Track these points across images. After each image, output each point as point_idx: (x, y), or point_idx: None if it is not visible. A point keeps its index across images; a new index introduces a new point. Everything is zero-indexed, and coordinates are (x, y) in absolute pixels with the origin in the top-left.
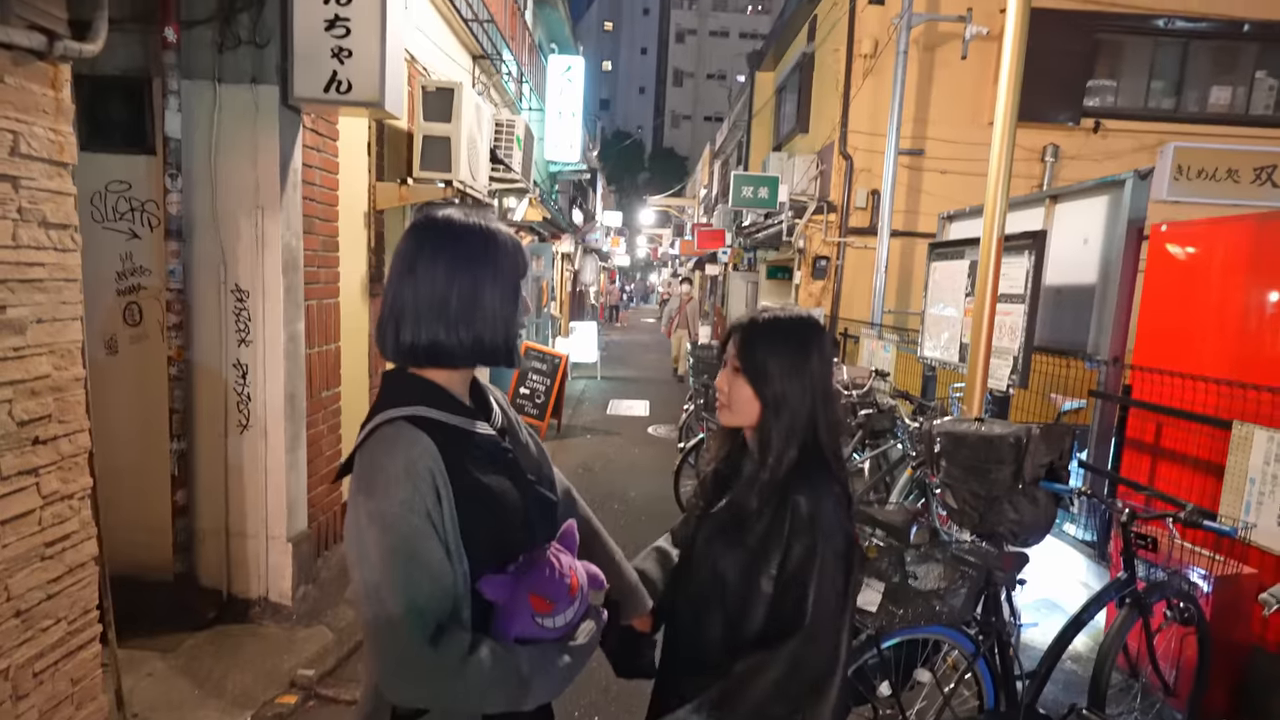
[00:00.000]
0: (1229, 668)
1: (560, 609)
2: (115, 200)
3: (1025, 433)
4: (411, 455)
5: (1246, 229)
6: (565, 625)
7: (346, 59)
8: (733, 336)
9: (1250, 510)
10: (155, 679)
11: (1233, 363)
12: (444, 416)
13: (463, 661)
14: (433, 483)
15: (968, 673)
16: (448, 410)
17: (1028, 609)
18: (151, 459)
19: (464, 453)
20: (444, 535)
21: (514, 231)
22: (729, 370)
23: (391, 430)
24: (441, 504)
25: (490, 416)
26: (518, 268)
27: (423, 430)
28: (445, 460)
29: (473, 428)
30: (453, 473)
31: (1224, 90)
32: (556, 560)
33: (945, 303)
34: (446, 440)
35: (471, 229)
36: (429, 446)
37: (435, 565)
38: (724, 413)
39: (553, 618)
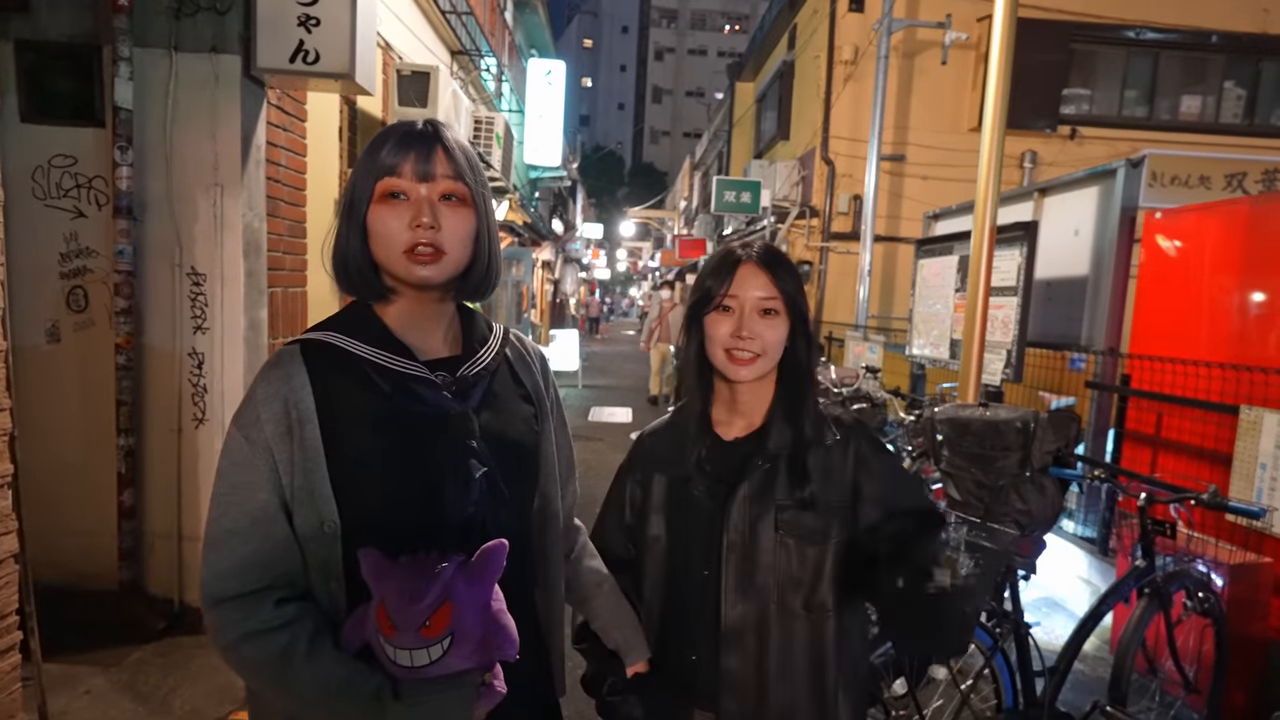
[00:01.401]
0: (1247, 664)
1: (403, 641)
2: (59, 176)
3: (1033, 417)
4: (268, 378)
5: (1240, 212)
6: (410, 666)
7: (314, 27)
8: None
9: (1261, 496)
10: (94, 696)
11: (1234, 347)
12: (352, 344)
13: (250, 638)
14: (284, 413)
15: (985, 669)
16: (367, 341)
17: (1029, 607)
18: (96, 456)
19: (364, 387)
20: (282, 475)
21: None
22: (751, 314)
23: (274, 354)
24: (292, 439)
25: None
26: (373, 164)
27: (319, 357)
28: (331, 393)
29: (397, 365)
30: (335, 407)
31: (1194, 99)
32: (430, 583)
33: (934, 300)
34: (346, 372)
35: None
36: (296, 373)
37: (254, 504)
38: (753, 366)
39: (394, 646)
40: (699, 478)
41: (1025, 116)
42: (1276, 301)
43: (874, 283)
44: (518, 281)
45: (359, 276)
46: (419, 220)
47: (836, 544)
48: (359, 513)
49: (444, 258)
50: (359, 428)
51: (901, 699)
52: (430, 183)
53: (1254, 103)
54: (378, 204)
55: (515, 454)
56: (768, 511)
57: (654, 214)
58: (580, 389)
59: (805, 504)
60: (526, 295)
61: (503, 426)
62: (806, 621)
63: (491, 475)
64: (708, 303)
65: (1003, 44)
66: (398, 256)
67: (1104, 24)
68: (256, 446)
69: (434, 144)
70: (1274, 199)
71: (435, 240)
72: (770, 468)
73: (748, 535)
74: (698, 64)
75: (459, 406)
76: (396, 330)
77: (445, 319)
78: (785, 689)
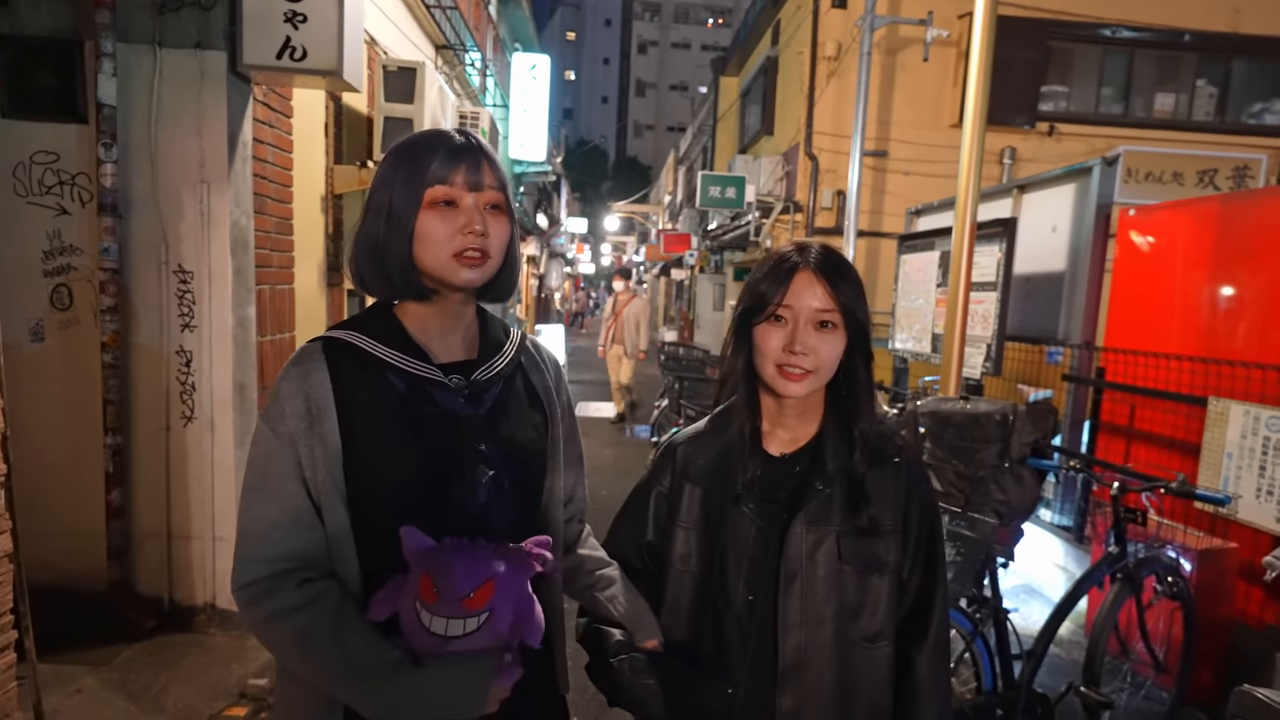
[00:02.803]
0: (1213, 646)
1: (443, 609)
2: (41, 173)
3: (1012, 410)
4: (292, 374)
5: (1209, 211)
6: (443, 635)
7: (301, 24)
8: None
9: (1228, 485)
10: (85, 695)
11: (1204, 341)
12: (370, 345)
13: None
14: (305, 408)
15: (965, 653)
16: (386, 343)
17: (1008, 594)
18: (83, 456)
19: (380, 388)
20: (305, 468)
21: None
22: (806, 327)
23: (301, 349)
24: (313, 433)
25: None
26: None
27: (339, 355)
28: (349, 390)
29: (413, 368)
30: (351, 404)
31: (1168, 97)
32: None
33: (916, 294)
34: (364, 371)
35: (405, 137)
36: (311, 368)
37: (284, 494)
38: (804, 382)
39: (432, 613)
40: (748, 496)
41: (1004, 113)
42: (1244, 296)
43: None
44: None
45: (401, 278)
46: (471, 227)
47: (892, 570)
48: (369, 508)
49: (488, 262)
50: (372, 426)
51: None
52: (479, 192)
53: (1225, 100)
54: (428, 210)
55: (524, 458)
56: (828, 538)
57: (638, 208)
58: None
59: (866, 530)
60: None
61: (513, 431)
62: (865, 653)
63: (499, 478)
64: (759, 311)
65: (983, 44)
66: (446, 260)
67: (1081, 22)
68: (283, 439)
69: (480, 156)
70: (1242, 197)
71: (483, 245)
72: (830, 491)
73: (806, 563)
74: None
75: (470, 410)
76: (415, 333)
77: (465, 322)
78: None
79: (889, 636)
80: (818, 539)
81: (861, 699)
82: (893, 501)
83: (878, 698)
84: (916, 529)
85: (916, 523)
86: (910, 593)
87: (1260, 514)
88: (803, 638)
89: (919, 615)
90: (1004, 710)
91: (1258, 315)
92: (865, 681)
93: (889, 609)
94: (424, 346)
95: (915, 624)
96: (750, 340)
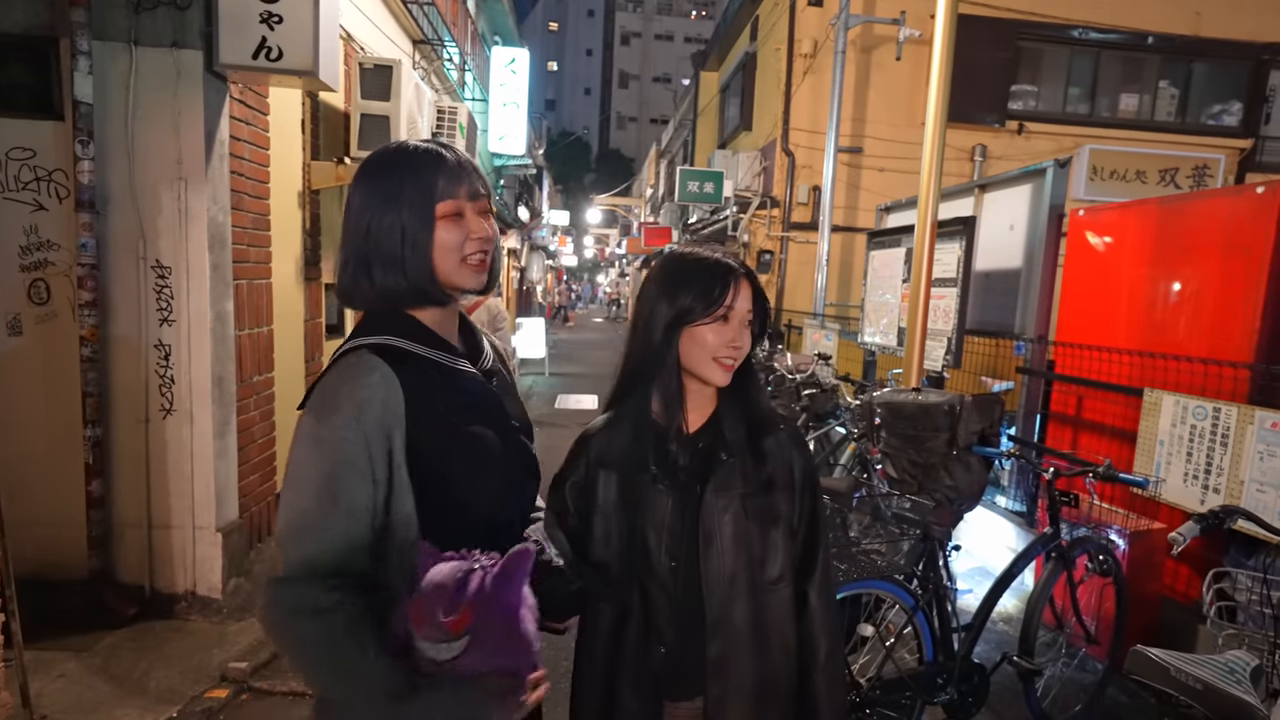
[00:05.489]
0: (1143, 618)
1: (429, 633)
2: (18, 169)
3: (958, 401)
4: (362, 381)
5: (1150, 212)
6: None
7: (277, 24)
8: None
9: (1160, 469)
10: (68, 679)
11: (1146, 335)
12: (414, 347)
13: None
14: (380, 414)
15: (907, 627)
16: (423, 343)
17: (962, 576)
18: (62, 448)
19: (437, 388)
20: (379, 472)
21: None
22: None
23: (353, 357)
24: (386, 438)
25: (480, 357)
26: (428, 188)
27: (396, 360)
28: (411, 394)
29: (452, 364)
30: (418, 408)
31: (1132, 97)
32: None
33: (884, 290)
34: (416, 373)
35: (387, 153)
36: (386, 375)
37: (353, 500)
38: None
39: (421, 638)
40: (665, 474)
41: (975, 111)
42: (1180, 293)
43: (832, 272)
44: None
45: (428, 286)
46: (481, 233)
47: (785, 519)
48: (442, 497)
49: (490, 262)
50: (438, 422)
51: None
52: (476, 201)
53: (1186, 101)
54: (444, 222)
55: (529, 432)
56: (734, 500)
57: (621, 201)
58: (547, 376)
59: (764, 488)
60: None
61: (517, 409)
62: (772, 594)
63: (527, 451)
64: (698, 316)
65: (944, 48)
66: (458, 266)
67: (1050, 23)
68: (352, 444)
69: (472, 168)
70: (1179, 200)
71: (489, 248)
72: (733, 460)
73: (718, 525)
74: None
75: (496, 394)
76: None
77: (456, 318)
78: (761, 662)
79: (789, 578)
80: (726, 503)
81: (773, 636)
82: (783, 463)
83: (785, 632)
84: (801, 485)
85: (800, 480)
86: (800, 539)
87: (1186, 496)
88: (724, 591)
89: (808, 556)
90: (944, 679)
91: (1190, 311)
92: (775, 620)
93: (787, 554)
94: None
95: (807, 564)
96: (678, 337)
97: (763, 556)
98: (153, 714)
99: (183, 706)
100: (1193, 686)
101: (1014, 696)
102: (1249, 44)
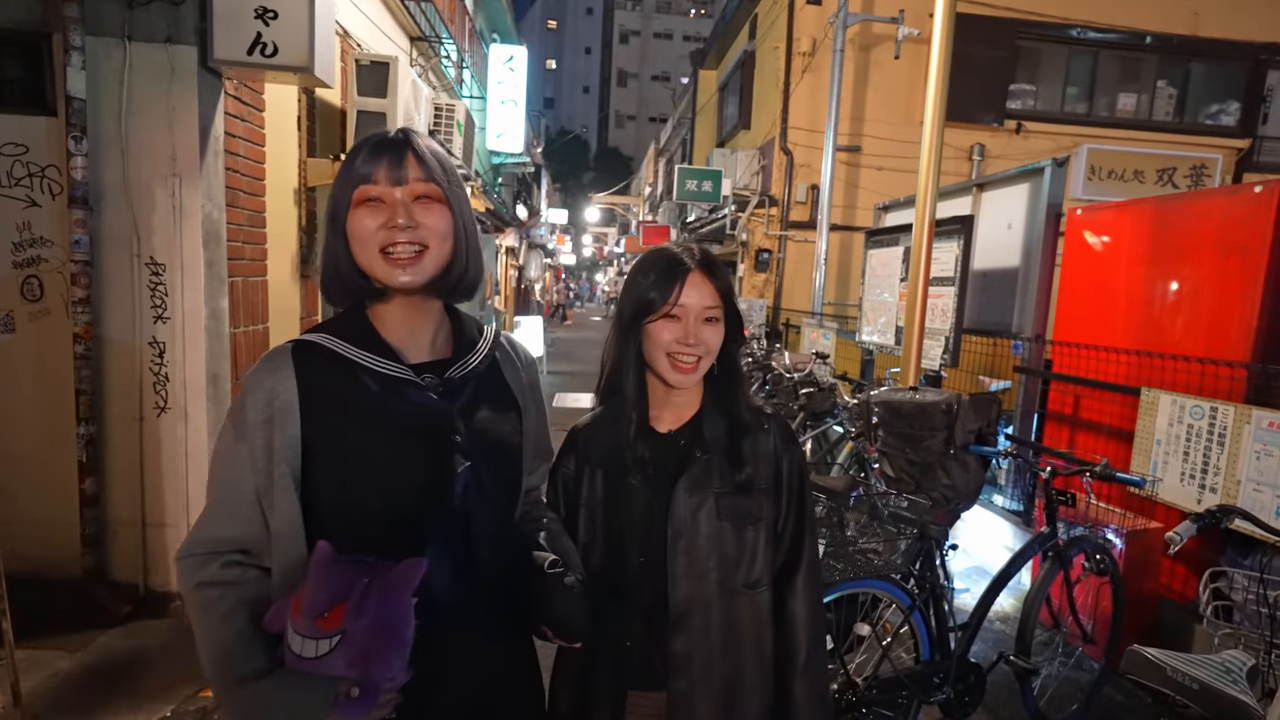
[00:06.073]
0: (1139, 617)
1: (301, 626)
2: (10, 165)
3: (956, 400)
4: (256, 372)
5: (1148, 212)
6: (299, 654)
7: (272, 20)
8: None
9: (1157, 468)
10: (61, 678)
11: (1142, 334)
12: (341, 347)
13: (196, 588)
14: (266, 402)
15: (904, 626)
16: (355, 343)
17: (959, 575)
18: (55, 446)
19: (351, 389)
20: (259, 464)
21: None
22: (697, 322)
23: (270, 351)
24: (273, 428)
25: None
26: (348, 173)
27: (309, 357)
28: (318, 391)
29: (378, 366)
30: (314, 407)
31: (1130, 97)
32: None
33: (882, 289)
34: (333, 372)
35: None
36: (282, 367)
37: (234, 487)
38: (695, 373)
39: (293, 629)
40: (636, 470)
41: (974, 110)
42: (1176, 292)
43: (830, 271)
44: None
45: (351, 281)
46: (394, 221)
47: (767, 523)
48: (338, 503)
49: (425, 255)
50: (344, 425)
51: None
52: (404, 186)
53: (1184, 101)
54: (355, 209)
55: (498, 452)
56: (708, 499)
57: (619, 199)
58: (545, 375)
59: (741, 489)
60: (490, 282)
61: (487, 426)
62: (746, 598)
63: (476, 470)
64: (651, 311)
65: (942, 48)
66: (376, 258)
67: (1048, 22)
68: (240, 434)
69: (405, 150)
70: (1174, 200)
71: (416, 238)
72: (708, 458)
73: (689, 523)
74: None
75: (443, 406)
76: (387, 334)
77: (433, 321)
78: (730, 662)
79: (767, 583)
80: (699, 501)
81: (746, 640)
82: (765, 463)
83: (760, 636)
84: (788, 486)
85: (787, 480)
86: (785, 543)
87: (1182, 495)
88: (689, 588)
89: (792, 561)
90: (940, 678)
91: (1186, 310)
92: (748, 624)
93: (766, 558)
94: (396, 347)
95: (789, 569)
96: (640, 334)
97: (737, 558)
98: (146, 713)
99: (176, 706)
100: (1189, 686)
101: (1010, 695)
102: (1247, 44)
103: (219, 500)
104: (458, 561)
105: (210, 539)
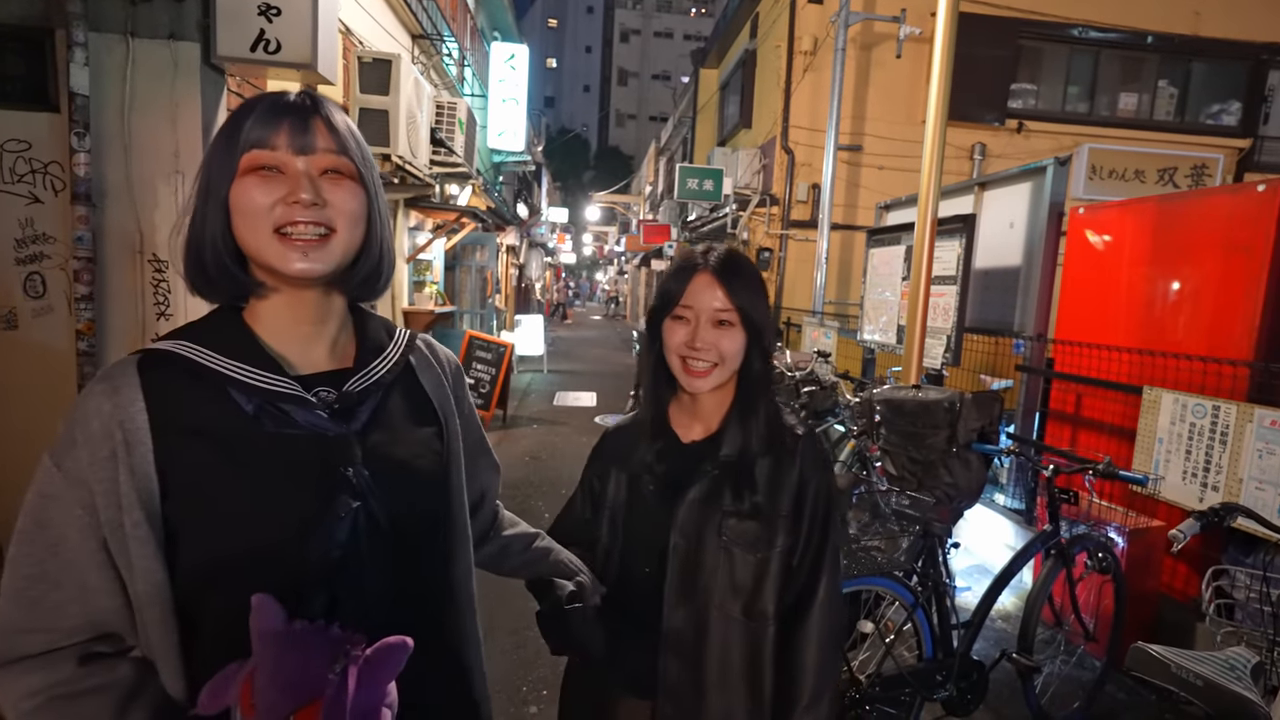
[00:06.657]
0: (1141, 615)
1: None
2: (13, 161)
3: (958, 398)
4: (90, 394)
5: (1150, 211)
6: None
7: (275, 17)
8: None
9: (1159, 467)
10: None
11: (1145, 333)
12: (205, 356)
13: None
14: (106, 434)
15: (907, 623)
16: (225, 352)
17: (961, 573)
18: None
19: (217, 409)
20: (102, 510)
21: None
22: (706, 325)
23: (108, 366)
24: (117, 465)
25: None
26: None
27: (161, 370)
28: (173, 413)
29: (253, 379)
30: (177, 430)
31: (1131, 96)
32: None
33: (883, 287)
34: (196, 388)
35: None
36: (126, 387)
37: (67, 549)
38: (708, 378)
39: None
40: (649, 478)
41: (975, 109)
42: (1183, 291)
43: (831, 270)
44: (482, 267)
45: (218, 270)
46: (297, 196)
47: (780, 553)
48: (205, 556)
49: (332, 239)
50: (207, 455)
51: None
52: (309, 155)
53: (1185, 101)
54: (244, 178)
55: (409, 482)
56: (714, 517)
57: (620, 199)
58: (546, 374)
59: (751, 512)
60: (491, 280)
61: (394, 450)
62: (745, 628)
63: (370, 510)
64: (666, 309)
65: (944, 47)
66: (267, 241)
67: (1050, 21)
68: (70, 478)
69: (311, 114)
70: (1176, 199)
71: (322, 218)
72: (719, 474)
73: (692, 539)
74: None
75: (337, 428)
76: (268, 340)
77: (332, 323)
78: (722, 696)
79: (773, 617)
80: (705, 517)
81: (740, 672)
82: (785, 488)
83: (758, 673)
84: (810, 514)
85: (810, 508)
86: (801, 576)
87: (1184, 494)
88: (683, 608)
89: (807, 594)
90: (943, 676)
91: (1188, 309)
92: (746, 656)
93: (775, 590)
94: (280, 356)
95: (803, 603)
96: (661, 335)
97: (740, 585)
98: None
99: None
100: (1193, 683)
101: (1013, 693)
102: (1248, 44)
103: (50, 572)
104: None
105: (46, 629)
